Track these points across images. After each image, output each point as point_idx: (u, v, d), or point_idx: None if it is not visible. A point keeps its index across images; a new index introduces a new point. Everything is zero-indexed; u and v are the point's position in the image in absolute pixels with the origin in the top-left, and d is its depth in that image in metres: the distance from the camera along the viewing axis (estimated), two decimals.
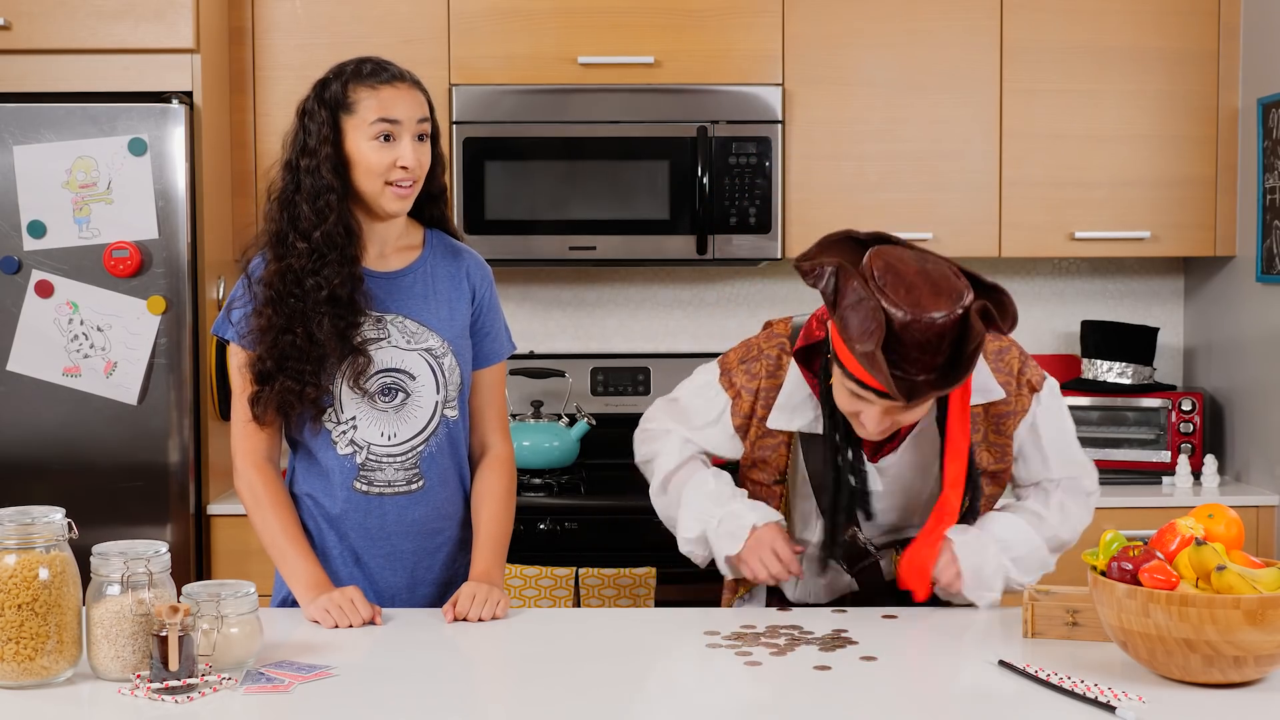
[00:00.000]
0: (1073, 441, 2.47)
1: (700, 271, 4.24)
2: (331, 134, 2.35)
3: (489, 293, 2.54)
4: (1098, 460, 3.94)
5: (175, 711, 1.85)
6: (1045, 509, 2.43)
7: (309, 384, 2.37)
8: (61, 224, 3.45)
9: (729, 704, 1.93)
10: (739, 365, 2.47)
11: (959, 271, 2.21)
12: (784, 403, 2.40)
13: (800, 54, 3.86)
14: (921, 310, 2.11)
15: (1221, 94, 3.89)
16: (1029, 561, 2.36)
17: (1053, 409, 2.43)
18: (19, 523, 1.94)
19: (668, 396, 2.60)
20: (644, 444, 2.59)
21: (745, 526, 2.37)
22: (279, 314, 2.36)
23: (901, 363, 2.13)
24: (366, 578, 2.47)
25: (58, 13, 3.54)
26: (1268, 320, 3.76)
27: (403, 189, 2.38)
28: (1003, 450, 2.40)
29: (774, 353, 2.43)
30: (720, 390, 2.48)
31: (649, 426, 2.58)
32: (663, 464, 2.51)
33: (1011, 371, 2.39)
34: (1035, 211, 3.91)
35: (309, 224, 2.35)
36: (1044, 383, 2.42)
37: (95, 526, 2.98)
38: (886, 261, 2.17)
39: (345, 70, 2.39)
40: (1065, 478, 2.45)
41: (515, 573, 3.26)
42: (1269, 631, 1.84)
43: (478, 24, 3.84)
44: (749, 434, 2.46)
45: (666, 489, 2.50)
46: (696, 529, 2.42)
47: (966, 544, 2.30)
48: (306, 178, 2.36)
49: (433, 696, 1.93)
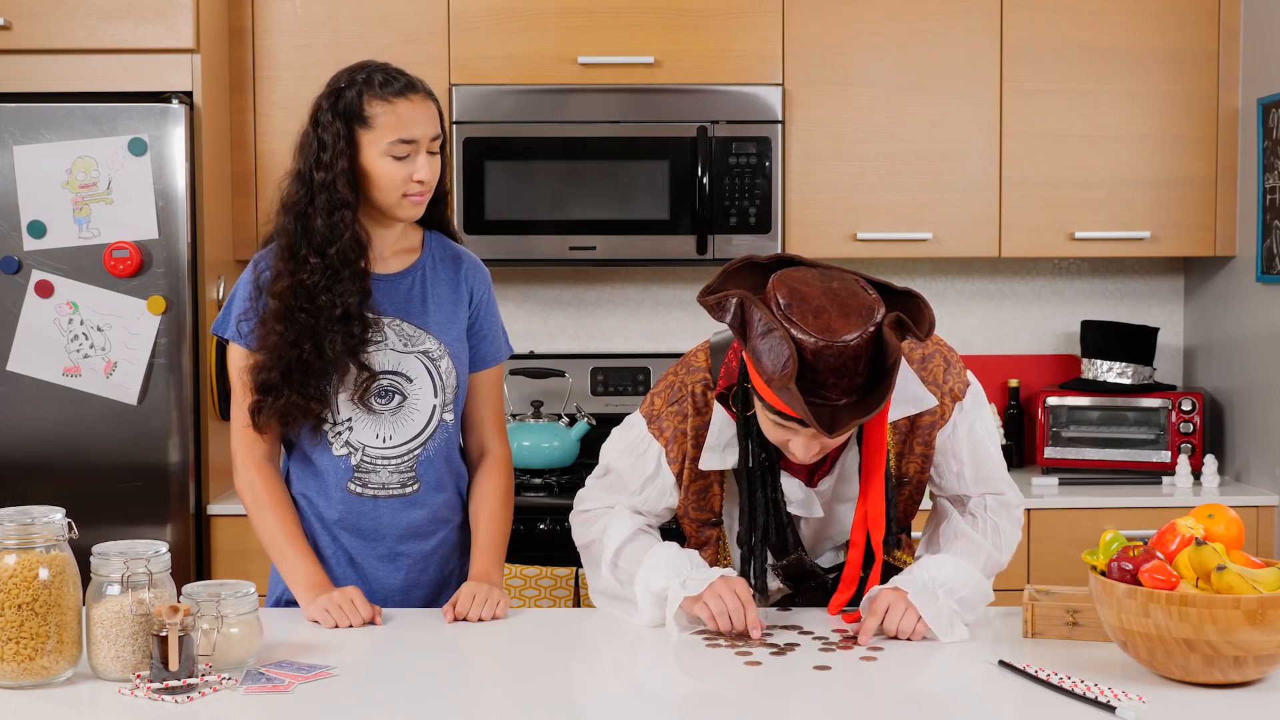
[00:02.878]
0: (994, 450, 2.37)
1: (700, 271, 4.23)
2: (347, 147, 2.34)
3: (487, 296, 2.54)
4: (1098, 460, 3.97)
5: (175, 711, 1.85)
6: (978, 533, 2.34)
7: (314, 399, 2.37)
8: (61, 224, 3.45)
9: (729, 704, 1.93)
10: (666, 408, 2.34)
11: (866, 284, 2.13)
12: (713, 443, 2.30)
13: (800, 54, 3.86)
14: (832, 335, 2.03)
15: (1221, 94, 3.89)
16: (974, 600, 2.26)
17: (974, 416, 2.34)
18: (19, 523, 1.94)
19: (597, 470, 2.44)
20: (585, 526, 2.41)
21: (711, 577, 2.23)
22: (289, 329, 2.34)
23: (819, 390, 2.05)
24: (361, 579, 2.47)
25: (58, 13, 3.54)
26: (1268, 320, 3.76)
27: (418, 198, 2.38)
28: (924, 460, 2.33)
29: (698, 389, 2.32)
30: (651, 440, 2.35)
31: (587, 509, 2.42)
32: (613, 538, 2.33)
33: (936, 380, 2.30)
34: (1035, 211, 3.91)
35: (323, 239, 2.34)
36: (967, 390, 2.33)
37: (95, 526, 2.98)
38: (790, 287, 2.08)
39: (357, 79, 2.36)
40: (990, 494, 2.36)
41: (515, 573, 3.26)
42: (1269, 631, 1.84)
43: (478, 24, 3.84)
44: (683, 478, 2.34)
45: (617, 563, 2.32)
46: (660, 583, 2.24)
47: (918, 594, 2.20)
48: (321, 192, 2.34)
49: (433, 696, 1.93)
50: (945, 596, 2.20)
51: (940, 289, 4.27)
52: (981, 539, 2.33)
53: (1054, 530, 3.67)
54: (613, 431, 2.45)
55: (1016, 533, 2.38)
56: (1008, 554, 2.36)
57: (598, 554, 2.36)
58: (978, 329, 4.28)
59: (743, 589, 2.22)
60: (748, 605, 2.19)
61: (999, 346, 4.29)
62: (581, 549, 2.42)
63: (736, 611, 2.19)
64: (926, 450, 2.33)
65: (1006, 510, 2.37)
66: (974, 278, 4.28)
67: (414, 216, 2.42)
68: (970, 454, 2.34)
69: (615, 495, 2.40)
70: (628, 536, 2.33)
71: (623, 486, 2.39)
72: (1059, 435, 4.01)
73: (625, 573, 2.31)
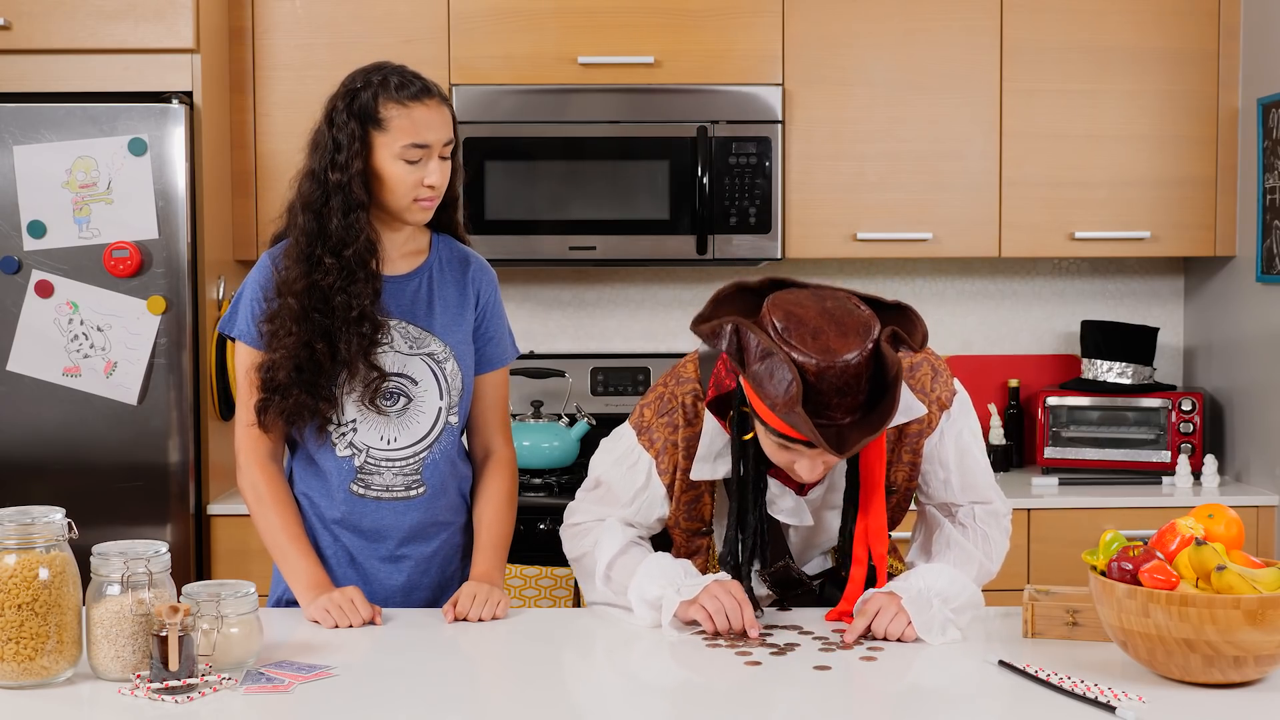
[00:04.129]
0: (981, 458, 2.37)
1: (700, 271, 4.24)
2: (362, 149, 2.34)
3: (493, 298, 2.54)
4: (1098, 460, 3.97)
5: (175, 711, 1.85)
6: (970, 543, 2.34)
7: (322, 398, 2.37)
8: (61, 224, 3.45)
9: (729, 704, 1.93)
10: (657, 420, 2.33)
11: (859, 301, 2.14)
12: (704, 453, 2.29)
13: (800, 54, 3.86)
14: (833, 355, 2.03)
15: (1221, 94, 3.89)
16: (967, 609, 2.26)
17: (961, 424, 2.34)
18: (19, 523, 1.94)
19: (587, 483, 2.43)
20: (576, 539, 2.41)
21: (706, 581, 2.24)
22: (304, 329, 2.34)
23: (824, 410, 2.05)
24: (363, 579, 2.47)
25: (58, 13, 3.54)
26: (1268, 320, 3.76)
27: (428, 202, 2.38)
28: (912, 469, 2.34)
29: (689, 400, 2.31)
30: (641, 451, 2.34)
31: (577, 521, 2.42)
32: (605, 551, 2.32)
33: (924, 389, 2.30)
34: (1035, 211, 3.91)
35: (339, 241, 2.34)
36: (954, 398, 2.33)
37: (95, 526, 2.98)
38: (785, 310, 2.08)
39: (373, 81, 2.36)
40: (979, 503, 2.36)
41: (515, 573, 3.26)
42: (1269, 631, 1.84)
43: (478, 24, 3.84)
44: (674, 489, 2.34)
45: (610, 575, 2.31)
46: (655, 591, 2.25)
47: (912, 600, 2.20)
48: (337, 193, 2.34)
49: (433, 696, 1.93)
50: (940, 605, 2.21)
51: (940, 289, 4.27)
52: (974, 549, 2.33)
53: (1054, 530, 3.67)
54: (601, 443, 2.45)
55: (1005, 542, 2.39)
56: (997, 563, 2.38)
57: (590, 567, 2.36)
58: (978, 329, 4.28)
59: (738, 590, 2.23)
60: (744, 604, 2.20)
61: (999, 346, 4.29)
62: (573, 561, 2.42)
63: (734, 610, 2.19)
64: (914, 459, 2.33)
65: (995, 519, 2.38)
66: (974, 278, 4.28)
67: (422, 221, 2.42)
68: (958, 462, 2.34)
69: (605, 508, 2.39)
70: (620, 549, 2.32)
71: (613, 499, 2.38)
72: (1059, 435, 4.01)
73: (619, 584, 2.31)
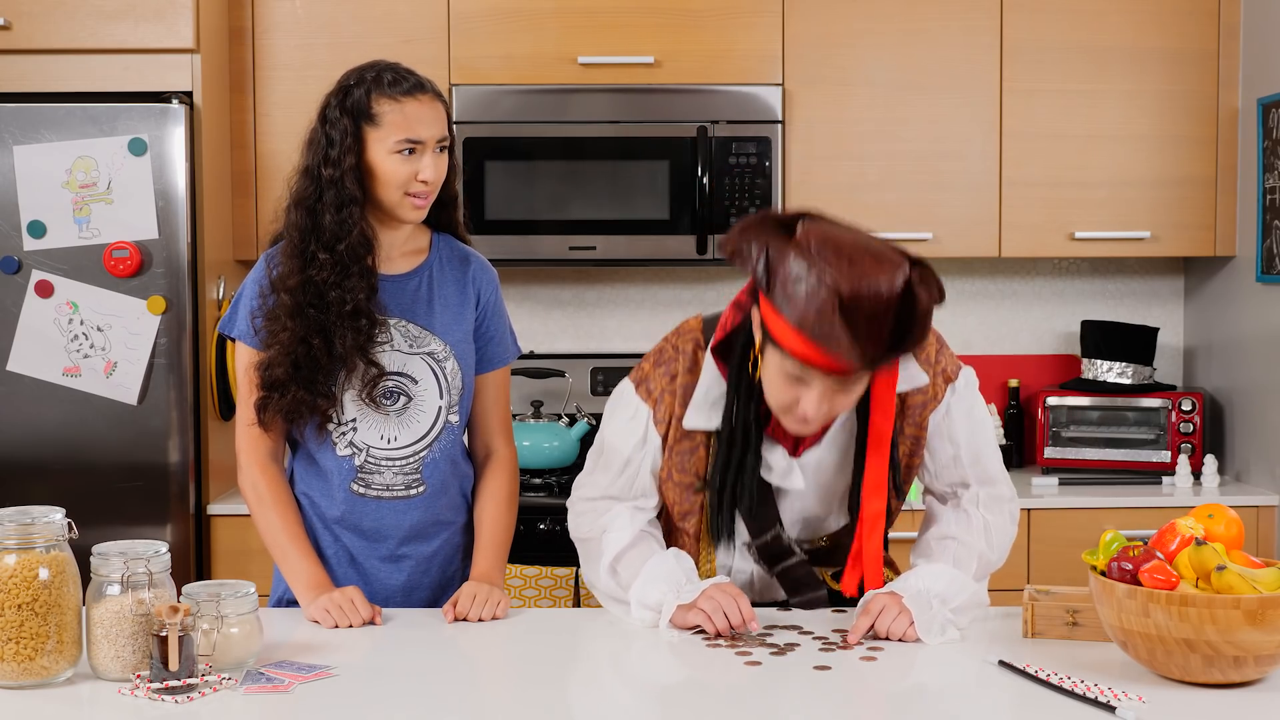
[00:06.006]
0: (989, 439, 2.34)
1: (700, 271, 4.24)
2: (355, 144, 2.34)
3: (494, 297, 2.54)
4: (1098, 460, 3.98)
5: (175, 711, 1.85)
6: (970, 534, 2.29)
7: (321, 395, 2.37)
8: (61, 224, 3.45)
9: (729, 704, 1.93)
10: (654, 370, 2.31)
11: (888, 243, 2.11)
12: (700, 400, 2.25)
13: (800, 54, 3.86)
14: (868, 280, 1.99)
15: (1221, 94, 3.89)
16: (968, 608, 2.24)
17: (968, 400, 2.31)
18: (19, 523, 1.94)
19: (593, 449, 2.39)
20: (584, 518, 2.37)
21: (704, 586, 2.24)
22: (299, 325, 2.34)
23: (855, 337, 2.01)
24: (363, 579, 2.47)
25: (58, 13, 3.54)
26: (1268, 320, 3.76)
27: (420, 200, 2.38)
28: (915, 443, 2.30)
29: (689, 348, 2.28)
30: (639, 402, 2.31)
31: (586, 496, 2.38)
32: (612, 543, 2.31)
33: (929, 360, 2.27)
34: (1035, 211, 3.91)
35: (332, 236, 2.34)
36: (960, 372, 2.31)
37: (95, 526, 2.98)
38: (823, 233, 2.04)
39: (367, 78, 2.36)
40: (982, 489, 2.32)
41: (515, 573, 3.26)
42: (1269, 631, 1.84)
43: (478, 24, 3.84)
44: (669, 439, 2.30)
45: (616, 569, 2.30)
46: (655, 596, 2.25)
47: (912, 600, 2.19)
48: (330, 189, 2.34)
49: (433, 696, 1.93)
50: (939, 606, 2.20)
51: None
52: (974, 540, 2.29)
53: (1054, 530, 3.67)
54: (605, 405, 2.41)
55: (1012, 528, 2.33)
56: (1001, 552, 2.32)
57: (595, 554, 2.34)
58: (978, 329, 4.28)
59: (735, 590, 2.23)
60: (740, 599, 2.20)
61: (999, 346, 4.29)
62: (578, 542, 2.39)
63: (731, 607, 2.19)
64: (918, 433, 2.29)
65: (1000, 504, 2.32)
66: (974, 278, 4.28)
67: (417, 219, 2.41)
68: (967, 438, 2.30)
69: (607, 475, 2.35)
70: (628, 543, 2.31)
71: (614, 456, 2.34)
72: (1059, 435, 4.01)
73: (623, 580, 2.30)
